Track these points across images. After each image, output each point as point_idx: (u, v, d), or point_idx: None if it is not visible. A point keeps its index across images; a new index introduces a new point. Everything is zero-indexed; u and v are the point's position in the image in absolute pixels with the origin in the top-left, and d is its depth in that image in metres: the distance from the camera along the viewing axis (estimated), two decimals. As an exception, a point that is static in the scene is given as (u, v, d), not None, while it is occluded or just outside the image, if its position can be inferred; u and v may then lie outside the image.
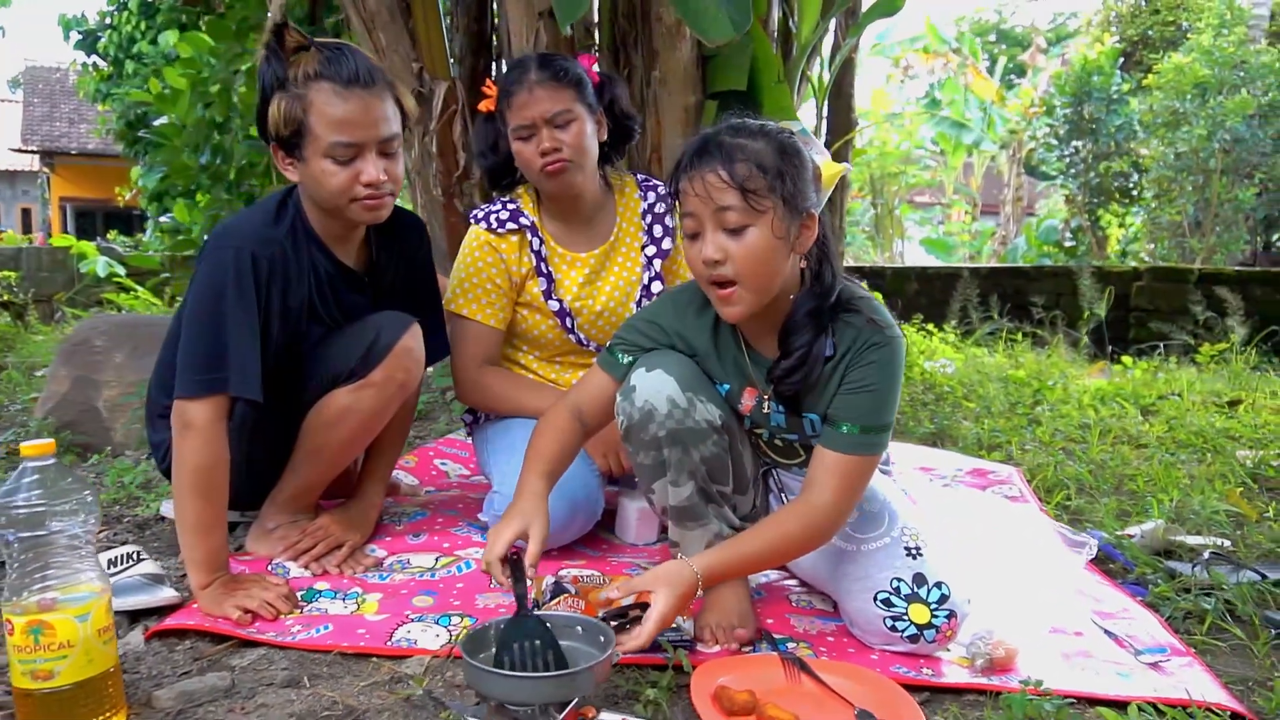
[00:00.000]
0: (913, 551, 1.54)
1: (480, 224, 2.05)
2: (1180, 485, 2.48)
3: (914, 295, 7.18)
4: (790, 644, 1.53)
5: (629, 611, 1.40)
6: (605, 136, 2.05)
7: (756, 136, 1.39)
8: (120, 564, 1.68)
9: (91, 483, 1.48)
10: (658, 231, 2.13)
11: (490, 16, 3.72)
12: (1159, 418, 3.34)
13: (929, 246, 14.11)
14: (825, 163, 1.45)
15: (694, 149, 1.41)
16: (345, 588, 1.73)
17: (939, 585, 1.49)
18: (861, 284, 1.53)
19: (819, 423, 1.52)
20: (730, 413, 1.59)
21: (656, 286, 2.11)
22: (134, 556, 1.71)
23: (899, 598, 1.49)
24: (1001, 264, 10.79)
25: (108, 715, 1.22)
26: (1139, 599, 1.77)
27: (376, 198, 1.69)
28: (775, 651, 1.46)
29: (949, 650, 1.51)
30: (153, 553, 1.89)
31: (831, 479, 1.44)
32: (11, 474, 1.22)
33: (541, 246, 2.05)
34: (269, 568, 1.81)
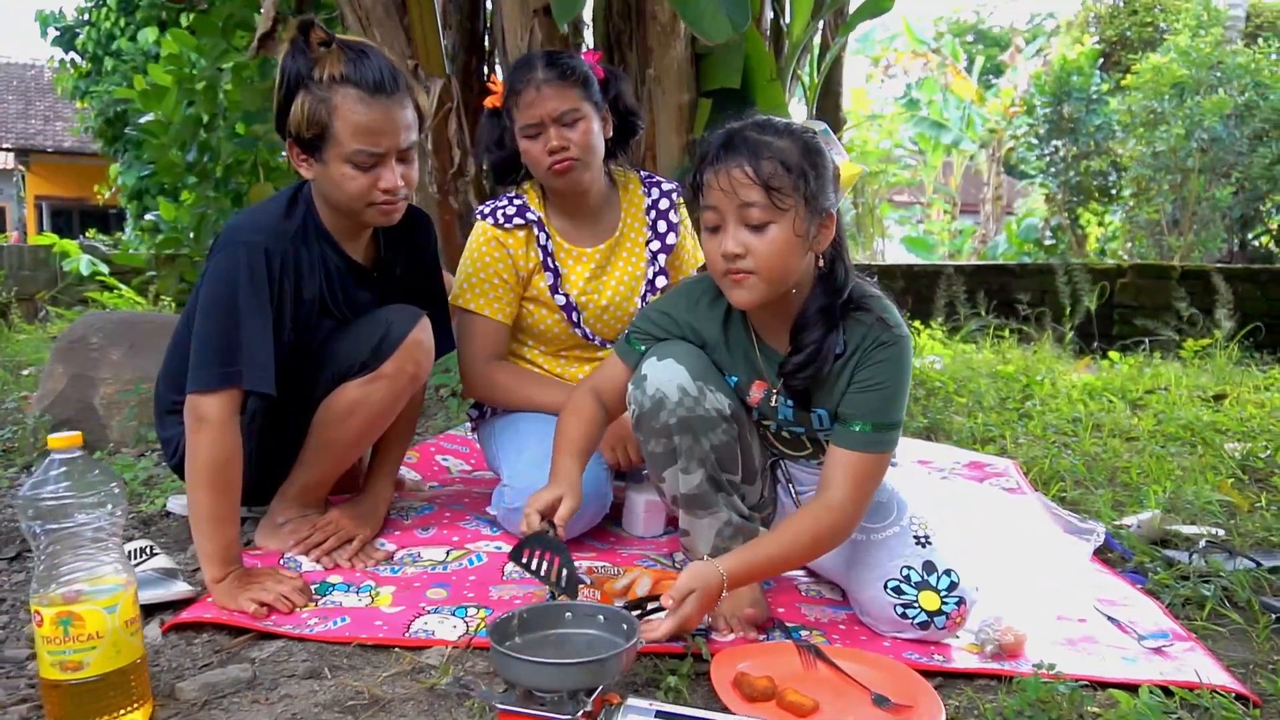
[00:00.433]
0: (922, 540, 1.57)
1: (487, 219, 2.06)
2: (1172, 477, 2.53)
3: (900, 292, 7.22)
4: (804, 632, 1.55)
5: (645, 603, 1.43)
6: (610, 133, 2.06)
7: (782, 135, 1.41)
8: (134, 559, 1.68)
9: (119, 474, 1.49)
10: (662, 227, 2.15)
11: (484, 14, 3.73)
12: (1147, 411, 3.39)
13: (910, 245, 14.17)
14: (844, 163, 1.47)
15: (719, 143, 1.42)
16: (358, 581, 1.74)
17: (948, 573, 1.52)
18: (873, 280, 1.56)
19: (827, 418, 1.55)
20: (739, 403, 1.61)
21: (661, 281, 2.13)
22: (147, 551, 1.72)
23: (909, 585, 1.52)
24: (985, 261, 10.89)
25: (135, 707, 1.23)
26: (1139, 586, 1.81)
27: (392, 203, 1.71)
28: (790, 639, 1.49)
29: (959, 637, 1.54)
30: (161, 548, 1.89)
31: (847, 477, 1.47)
32: (38, 467, 1.22)
33: (548, 241, 2.06)
34: (281, 562, 1.81)
